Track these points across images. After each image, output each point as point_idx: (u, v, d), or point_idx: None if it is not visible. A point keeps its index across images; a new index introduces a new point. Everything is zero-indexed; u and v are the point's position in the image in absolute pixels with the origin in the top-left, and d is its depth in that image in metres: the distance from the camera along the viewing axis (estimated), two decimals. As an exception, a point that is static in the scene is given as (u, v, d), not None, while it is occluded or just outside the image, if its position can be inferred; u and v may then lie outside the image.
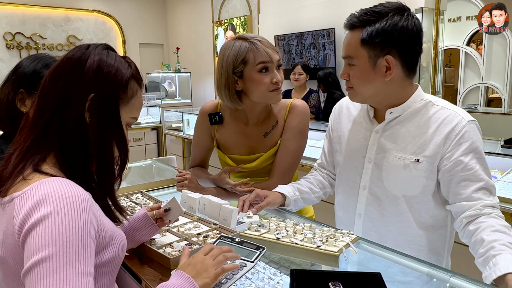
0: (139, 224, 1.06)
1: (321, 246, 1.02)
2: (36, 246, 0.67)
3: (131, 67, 0.89)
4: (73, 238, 0.68)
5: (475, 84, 5.51)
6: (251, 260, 0.92)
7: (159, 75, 7.08)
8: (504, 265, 0.90)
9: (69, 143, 0.81)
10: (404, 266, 1.04)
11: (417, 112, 1.20)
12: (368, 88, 1.18)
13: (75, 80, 0.81)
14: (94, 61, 0.82)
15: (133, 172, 2.41)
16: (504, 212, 2.05)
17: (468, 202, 1.10)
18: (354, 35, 1.15)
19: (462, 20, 5.48)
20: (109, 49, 0.88)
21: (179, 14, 7.60)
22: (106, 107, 0.83)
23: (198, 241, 1.11)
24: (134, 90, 0.89)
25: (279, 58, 1.43)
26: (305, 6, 4.90)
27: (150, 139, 6.22)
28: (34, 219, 0.69)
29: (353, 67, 1.18)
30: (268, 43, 1.42)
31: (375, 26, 1.12)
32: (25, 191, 0.74)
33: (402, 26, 1.12)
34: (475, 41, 5.64)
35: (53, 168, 0.80)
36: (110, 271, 0.84)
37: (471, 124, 1.14)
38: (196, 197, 1.34)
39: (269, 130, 1.54)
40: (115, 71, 0.84)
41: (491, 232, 1.01)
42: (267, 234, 1.11)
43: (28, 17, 6.52)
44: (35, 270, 0.65)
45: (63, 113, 0.80)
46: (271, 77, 1.41)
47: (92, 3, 7.10)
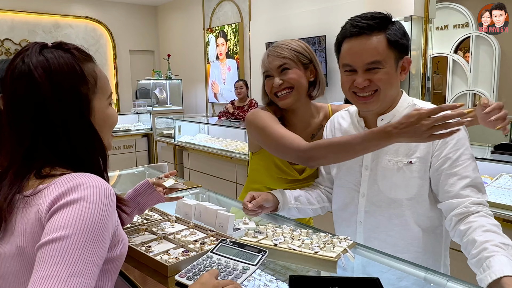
0: (141, 189, 1.18)
1: (319, 252, 1.02)
2: (59, 224, 0.69)
3: (73, 53, 0.83)
4: (93, 227, 0.70)
5: (462, 91, 5.61)
6: (254, 264, 0.92)
7: (150, 82, 7.06)
8: (499, 268, 0.90)
9: (63, 153, 0.81)
10: (401, 271, 1.05)
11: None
12: (392, 89, 1.19)
13: (35, 98, 0.78)
14: (39, 72, 0.78)
15: (126, 179, 2.39)
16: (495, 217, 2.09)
17: (457, 199, 1.11)
18: (376, 39, 1.14)
19: (450, 28, 5.59)
20: (43, 48, 0.82)
21: (170, 21, 7.60)
22: (76, 111, 0.81)
23: (195, 248, 1.10)
24: (92, 72, 0.85)
25: (280, 63, 1.42)
26: (296, 14, 4.94)
27: (140, 146, 6.17)
28: (66, 200, 0.71)
29: (378, 71, 1.15)
30: (275, 49, 1.44)
31: (394, 29, 1.15)
32: (56, 181, 0.75)
33: (404, 29, 1.19)
34: (462, 49, 5.75)
35: (65, 170, 0.80)
36: (117, 267, 0.86)
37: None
38: (191, 204, 1.34)
39: (315, 132, 1.53)
40: (65, 72, 0.80)
41: (483, 232, 1.02)
42: (265, 241, 1.11)
43: (17, 23, 6.46)
44: (51, 245, 0.67)
45: (42, 130, 0.79)
46: (271, 83, 1.45)
47: (82, 9, 7.06)
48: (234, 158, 4.16)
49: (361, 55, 1.15)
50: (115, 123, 0.92)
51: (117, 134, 5.80)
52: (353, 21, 1.17)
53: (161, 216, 1.39)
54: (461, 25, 5.49)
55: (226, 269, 0.94)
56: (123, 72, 7.55)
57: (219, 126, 4.97)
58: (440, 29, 5.60)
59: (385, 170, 1.22)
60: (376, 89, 1.17)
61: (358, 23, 1.15)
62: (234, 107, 5.17)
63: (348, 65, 1.19)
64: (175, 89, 7.29)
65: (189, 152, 4.93)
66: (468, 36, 5.44)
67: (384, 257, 1.10)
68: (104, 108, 0.87)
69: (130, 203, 1.17)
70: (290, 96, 1.43)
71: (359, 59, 1.15)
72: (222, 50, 6.27)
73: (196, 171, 4.83)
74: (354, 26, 1.16)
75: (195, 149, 4.78)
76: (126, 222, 1.19)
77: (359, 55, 1.15)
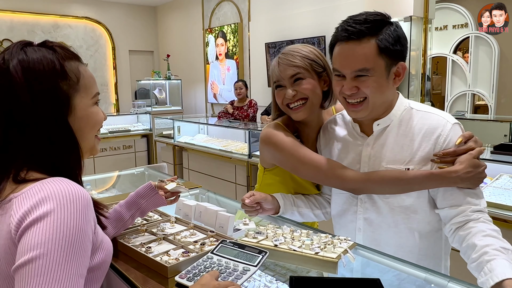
0: (144, 192, 1.17)
1: (320, 252, 1.02)
2: (33, 243, 0.66)
3: (56, 50, 0.81)
4: (71, 238, 0.68)
5: (462, 92, 5.61)
6: (254, 264, 0.92)
7: (149, 82, 7.06)
8: (500, 271, 0.89)
9: (38, 154, 0.78)
10: (402, 271, 1.05)
11: (401, 120, 1.20)
12: (381, 97, 1.15)
13: (10, 96, 0.75)
14: (16, 69, 0.76)
15: (125, 180, 2.38)
16: (494, 217, 2.09)
17: (456, 208, 1.10)
18: (365, 45, 1.08)
19: (449, 29, 5.60)
20: (26, 46, 0.80)
21: (170, 21, 7.60)
22: (54, 109, 0.78)
23: (195, 249, 1.10)
24: (75, 70, 0.82)
25: (292, 73, 1.30)
26: (295, 14, 4.94)
27: (140, 147, 6.17)
28: (35, 216, 0.68)
29: (366, 79, 1.10)
30: (287, 57, 1.32)
31: (387, 33, 1.09)
32: (26, 191, 0.73)
33: (402, 33, 1.13)
34: (462, 49, 5.76)
35: (39, 174, 0.78)
36: (97, 278, 0.83)
37: (456, 126, 1.15)
38: (191, 205, 1.33)
39: None
40: (43, 66, 0.77)
41: (482, 237, 1.01)
42: (265, 241, 1.11)
43: (16, 24, 6.45)
44: (29, 266, 0.64)
45: (16, 129, 0.77)
46: (283, 94, 1.33)
47: (82, 10, 7.06)
48: (233, 159, 4.16)
49: (349, 62, 1.11)
50: (99, 122, 0.88)
51: (116, 134, 5.80)
52: (345, 24, 1.12)
53: (161, 216, 1.39)
54: (460, 25, 5.50)
55: (226, 270, 0.93)
56: (122, 73, 7.55)
57: (218, 127, 4.97)
58: (440, 29, 5.61)
59: None
60: (364, 97, 1.13)
61: (349, 27, 1.10)
62: (234, 107, 5.17)
63: (337, 70, 1.15)
64: (174, 90, 7.29)
65: (189, 153, 4.93)
66: (467, 37, 5.45)
67: (385, 258, 1.10)
68: (86, 107, 0.84)
69: (132, 206, 1.17)
70: (304, 108, 1.32)
71: (347, 66, 1.11)
72: (221, 50, 6.27)
73: (196, 171, 4.83)
74: (344, 30, 1.11)
75: (194, 149, 4.78)
76: (127, 224, 1.18)
77: (347, 62, 1.11)
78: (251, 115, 4.99)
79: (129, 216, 1.16)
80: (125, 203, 1.17)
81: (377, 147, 1.22)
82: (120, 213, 1.15)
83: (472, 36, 5.38)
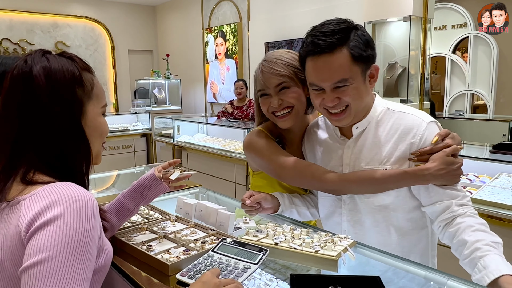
0: (149, 183, 1.19)
1: (320, 250, 1.03)
2: (42, 245, 0.68)
3: (75, 60, 0.88)
4: (79, 242, 0.70)
5: (461, 91, 5.62)
6: (255, 262, 0.92)
7: (149, 82, 7.06)
8: (495, 268, 0.91)
9: (48, 155, 0.81)
10: (401, 269, 1.05)
11: (379, 122, 1.22)
12: (362, 101, 1.17)
13: (30, 98, 0.80)
14: (39, 73, 0.81)
15: (125, 179, 2.39)
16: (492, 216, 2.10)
17: (441, 203, 1.12)
18: (339, 56, 1.08)
19: (448, 28, 5.60)
20: (46, 53, 0.86)
21: (169, 21, 7.60)
22: (70, 113, 0.83)
23: (195, 247, 1.10)
24: (90, 80, 0.89)
25: (278, 82, 1.29)
26: (295, 14, 4.95)
27: (139, 146, 6.17)
28: (45, 219, 0.70)
29: (346, 88, 1.11)
30: (270, 65, 1.31)
31: (356, 40, 1.10)
32: (34, 193, 0.75)
33: (368, 36, 1.15)
34: (460, 49, 5.77)
35: (46, 176, 0.80)
36: (98, 280, 0.85)
37: (431, 124, 1.17)
38: (192, 203, 1.34)
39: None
40: (64, 73, 0.83)
41: (472, 232, 1.03)
42: (265, 239, 1.11)
43: (16, 23, 6.45)
44: (36, 268, 0.66)
45: (31, 130, 0.80)
46: (269, 103, 1.33)
47: (81, 9, 7.06)
48: (233, 158, 4.16)
49: (327, 75, 1.11)
50: (105, 132, 0.94)
51: (116, 134, 5.80)
52: (314, 38, 1.11)
53: (162, 215, 1.39)
54: (459, 25, 5.51)
55: (227, 268, 0.94)
56: (121, 72, 7.55)
57: (218, 126, 4.97)
58: (439, 29, 5.62)
59: None
60: (347, 105, 1.14)
61: (319, 41, 1.09)
62: (233, 107, 5.17)
63: (315, 84, 1.14)
64: (173, 89, 7.29)
65: (188, 152, 4.93)
66: (466, 36, 5.46)
67: (384, 256, 1.10)
68: (96, 115, 0.89)
69: (136, 196, 1.19)
70: (290, 116, 1.33)
71: (325, 79, 1.11)
72: (221, 50, 6.27)
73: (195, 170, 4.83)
74: (314, 44, 1.10)
75: (194, 149, 4.78)
76: (132, 214, 1.20)
77: (325, 75, 1.11)
78: (251, 115, 5.00)
79: (134, 206, 1.19)
80: (128, 194, 1.19)
81: (356, 149, 1.24)
82: (124, 204, 1.18)
83: (471, 36, 5.39)
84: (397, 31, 3.84)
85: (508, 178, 2.45)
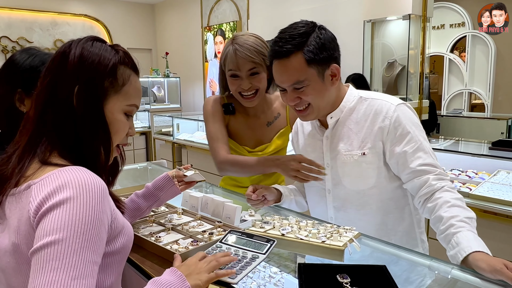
0: (162, 184, 1.20)
1: (326, 241, 1.05)
2: (51, 228, 0.67)
3: (118, 53, 0.88)
4: (88, 226, 0.69)
5: (458, 90, 5.65)
6: (263, 252, 0.94)
7: (148, 80, 7.05)
8: (467, 245, 0.97)
9: (66, 135, 0.81)
10: (405, 259, 1.07)
11: (352, 109, 1.28)
12: (323, 99, 1.23)
13: (60, 74, 0.82)
14: (75, 53, 0.82)
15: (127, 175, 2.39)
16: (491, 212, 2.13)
17: (419, 179, 1.18)
18: (294, 60, 1.17)
19: (446, 28, 5.63)
20: (96, 40, 0.87)
21: (168, 19, 7.60)
22: (91, 97, 0.82)
23: (203, 238, 1.12)
24: (126, 76, 0.87)
25: (250, 67, 1.49)
26: (294, 12, 4.96)
27: (139, 144, 6.17)
28: (53, 202, 0.70)
29: (304, 88, 1.20)
30: (244, 50, 1.48)
31: (312, 44, 1.16)
32: (44, 178, 0.75)
33: (329, 36, 1.20)
34: (458, 48, 5.80)
35: (61, 159, 0.80)
36: (119, 260, 0.86)
37: (400, 107, 1.23)
38: (198, 196, 1.35)
39: (271, 120, 1.66)
40: (99, 60, 0.83)
41: (448, 208, 1.09)
42: (272, 231, 1.13)
43: (14, 21, 6.43)
44: (46, 250, 0.66)
45: (54, 107, 0.81)
46: (239, 84, 1.52)
47: (80, 7, 7.04)
48: (233, 156, 4.16)
49: (284, 77, 1.20)
50: (121, 131, 0.89)
51: (115, 132, 5.78)
52: (274, 45, 1.20)
53: (168, 208, 1.41)
54: (457, 24, 5.54)
55: (235, 257, 0.95)
56: (120, 70, 7.53)
57: (217, 124, 4.97)
58: (437, 28, 5.64)
59: (344, 165, 1.27)
60: (308, 103, 1.23)
61: (276, 48, 1.18)
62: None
63: (278, 85, 1.25)
64: (173, 87, 7.29)
65: (188, 150, 4.94)
66: (464, 36, 5.48)
67: (388, 247, 1.12)
68: (116, 110, 0.86)
69: (150, 197, 1.20)
70: (256, 98, 1.56)
71: (284, 81, 1.21)
72: (220, 48, 6.27)
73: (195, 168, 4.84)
74: (273, 50, 1.20)
75: (193, 146, 4.79)
76: (144, 214, 1.21)
77: (283, 77, 1.21)
78: None
79: (146, 207, 1.20)
80: (142, 194, 1.20)
81: (334, 138, 1.30)
82: (137, 203, 1.19)
83: (469, 35, 5.42)
84: (396, 30, 3.86)
85: (506, 174, 2.48)
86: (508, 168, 2.53)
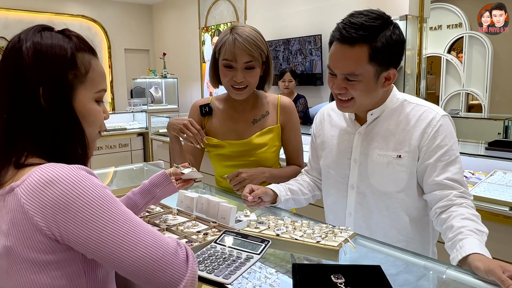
0: (159, 180, 1.17)
1: (321, 241, 1.04)
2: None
3: (72, 39, 0.81)
4: (104, 200, 0.72)
5: (456, 91, 5.67)
6: (257, 253, 0.94)
7: (145, 81, 7.04)
8: (469, 247, 0.95)
9: (40, 138, 0.77)
10: (400, 259, 1.07)
11: (394, 110, 1.26)
12: (369, 98, 1.20)
13: (19, 78, 0.75)
14: (28, 51, 0.75)
15: (123, 175, 2.39)
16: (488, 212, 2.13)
17: (440, 191, 1.15)
18: (357, 51, 1.11)
19: (443, 28, 5.65)
20: (44, 30, 0.80)
21: (165, 20, 7.59)
22: (59, 96, 0.77)
23: (198, 239, 1.11)
24: (86, 62, 0.82)
25: (247, 60, 1.45)
26: (292, 13, 4.96)
27: (136, 145, 6.16)
28: (59, 202, 0.69)
29: (355, 83, 1.15)
30: (245, 42, 1.44)
31: (381, 42, 1.11)
32: (26, 178, 0.71)
33: (397, 39, 1.15)
34: (456, 49, 5.81)
35: (38, 159, 0.77)
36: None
37: (445, 118, 1.21)
38: (193, 196, 1.35)
39: (258, 118, 1.62)
40: (55, 52, 0.77)
41: (461, 219, 1.07)
42: (267, 231, 1.13)
43: (11, 22, 6.41)
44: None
45: (21, 112, 0.76)
46: (232, 75, 1.48)
47: (77, 8, 7.03)
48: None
49: (340, 64, 1.15)
50: (98, 121, 0.86)
51: (112, 133, 5.79)
52: (342, 26, 1.14)
53: (163, 209, 1.40)
54: (455, 25, 5.56)
55: (230, 257, 0.95)
56: (118, 71, 7.53)
57: (215, 125, 4.96)
58: (434, 29, 5.66)
59: (375, 164, 1.25)
60: (352, 97, 1.19)
61: (344, 31, 1.12)
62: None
63: (330, 68, 1.20)
64: (170, 88, 7.27)
65: (185, 151, 4.93)
66: (462, 36, 5.50)
67: (384, 247, 1.12)
68: (87, 101, 0.82)
69: (147, 194, 1.17)
70: (246, 91, 1.53)
71: (338, 67, 1.16)
72: (217, 49, 6.26)
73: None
74: (339, 32, 1.13)
75: (191, 147, 4.77)
76: (140, 212, 1.19)
77: (338, 63, 1.16)
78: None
79: (143, 204, 1.17)
80: (139, 191, 1.18)
81: (368, 135, 1.28)
82: (134, 200, 1.16)
83: (466, 36, 5.44)
84: (394, 30, 3.86)
85: (503, 175, 2.48)
86: (504, 169, 2.53)
